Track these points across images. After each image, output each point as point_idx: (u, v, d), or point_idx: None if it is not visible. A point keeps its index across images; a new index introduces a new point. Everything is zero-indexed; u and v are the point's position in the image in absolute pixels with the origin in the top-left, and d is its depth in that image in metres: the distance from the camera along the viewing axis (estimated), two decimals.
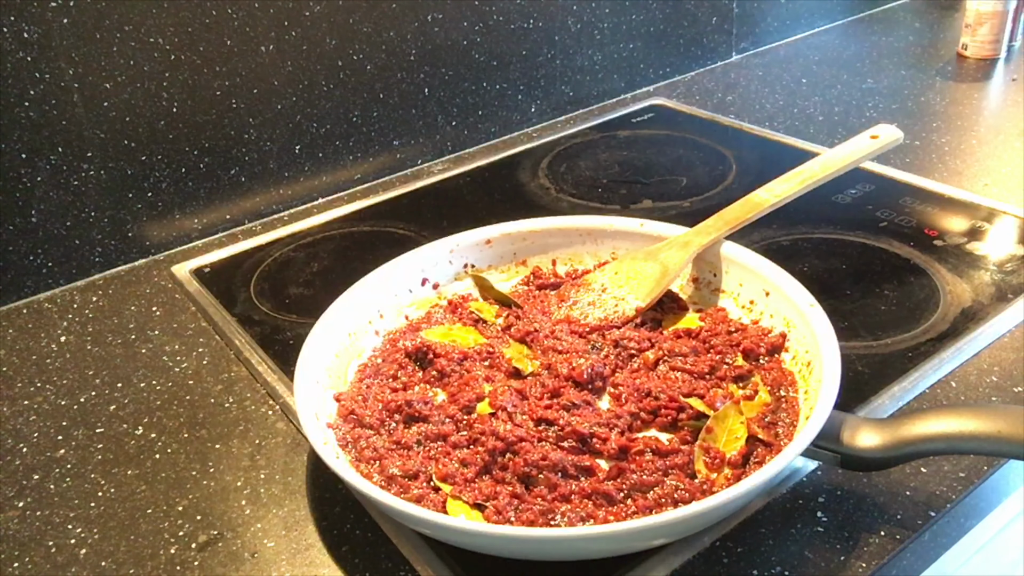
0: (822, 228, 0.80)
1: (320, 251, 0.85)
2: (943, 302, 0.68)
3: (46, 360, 0.72)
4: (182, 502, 0.55)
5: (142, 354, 0.72)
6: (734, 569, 0.47)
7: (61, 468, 0.59)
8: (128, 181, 0.83)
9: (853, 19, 1.41)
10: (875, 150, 0.74)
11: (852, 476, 0.52)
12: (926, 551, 0.51)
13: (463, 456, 0.53)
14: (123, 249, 0.85)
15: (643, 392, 0.58)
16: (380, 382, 0.61)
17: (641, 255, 0.69)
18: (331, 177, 0.96)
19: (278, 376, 0.66)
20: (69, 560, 0.52)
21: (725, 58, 1.28)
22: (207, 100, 0.85)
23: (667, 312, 0.67)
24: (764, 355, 0.60)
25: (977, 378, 0.60)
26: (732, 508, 0.50)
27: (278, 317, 0.74)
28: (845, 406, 0.55)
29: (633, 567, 0.48)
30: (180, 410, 0.64)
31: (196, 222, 0.89)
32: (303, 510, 0.54)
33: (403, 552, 0.50)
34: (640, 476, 0.51)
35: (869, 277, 0.72)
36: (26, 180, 0.77)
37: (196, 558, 0.51)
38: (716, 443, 0.53)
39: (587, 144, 1.05)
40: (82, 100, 0.78)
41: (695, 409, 0.56)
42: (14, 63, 0.74)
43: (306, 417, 0.52)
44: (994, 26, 1.16)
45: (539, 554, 0.47)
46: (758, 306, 0.64)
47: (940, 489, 0.51)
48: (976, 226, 0.79)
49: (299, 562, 0.50)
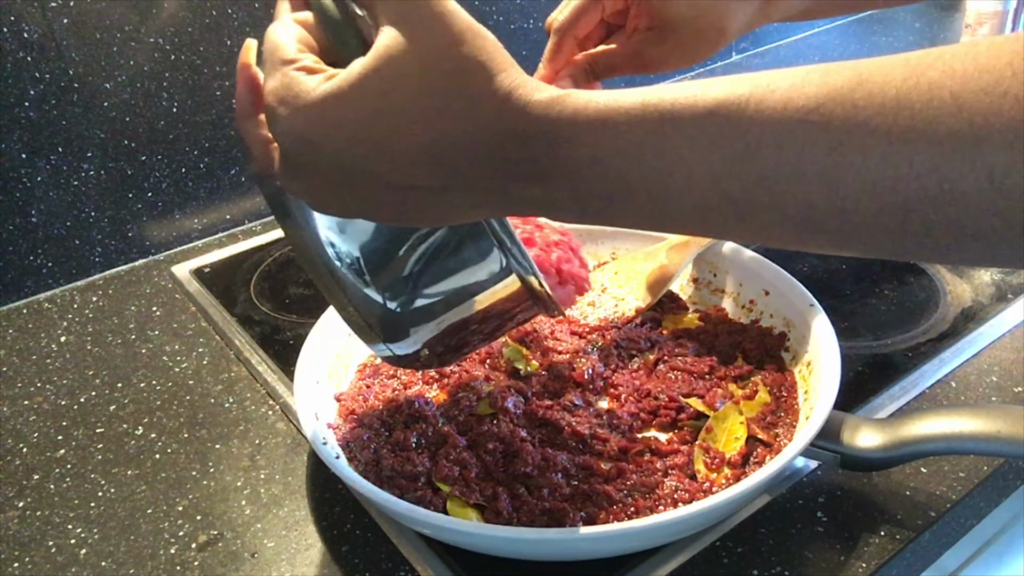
0: None
1: None
2: (943, 302, 0.68)
3: (46, 360, 0.72)
4: (182, 502, 0.55)
5: (142, 354, 0.72)
6: (734, 569, 0.47)
7: (61, 468, 0.59)
8: (128, 181, 0.83)
9: (853, 19, 1.41)
10: None
11: (852, 476, 0.52)
12: (926, 551, 0.51)
13: (463, 457, 0.53)
14: (123, 249, 0.85)
15: (643, 392, 0.58)
16: (380, 382, 0.61)
17: (641, 255, 0.69)
18: None
19: (278, 376, 0.66)
20: (69, 560, 0.52)
21: (725, 58, 1.28)
22: (207, 100, 0.85)
23: (667, 312, 0.67)
24: (764, 355, 0.60)
25: (977, 378, 0.60)
26: (732, 508, 0.50)
27: (278, 317, 0.74)
28: (845, 406, 0.55)
29: (633, 567, 0.48)
30: (180, 410, 0.64)
31: (196, 222, 0.89)
32: (303, 510, 0.54)
33: (403, 552, 0.50)
34: (640, 477, 0.51)
35: (869, 277, 0.72)
36: (26, 180, 0.77)
37: (196, 558, 0.51)
38: (716, 443, 0.53)
39: None
40: (82, 100, 0.78)
41: (695, 409, 0.56)
42: (14, 63, 0.74)
43: (306, 417, 0.52)
44: (994, 26, 1.17)
45: (539, 554, 0.47)
46: (758, 306, 0.64)
47: (940, 489, 0.51)
48: None
49: (299, 562, 0.50)
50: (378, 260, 0.40)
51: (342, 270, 0.40)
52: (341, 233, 0.40)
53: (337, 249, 0.40)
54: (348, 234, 0.39)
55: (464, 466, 0.52)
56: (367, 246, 0.40)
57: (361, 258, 0.40)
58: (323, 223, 0.39)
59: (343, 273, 0.40)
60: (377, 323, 0.43)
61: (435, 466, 0.52)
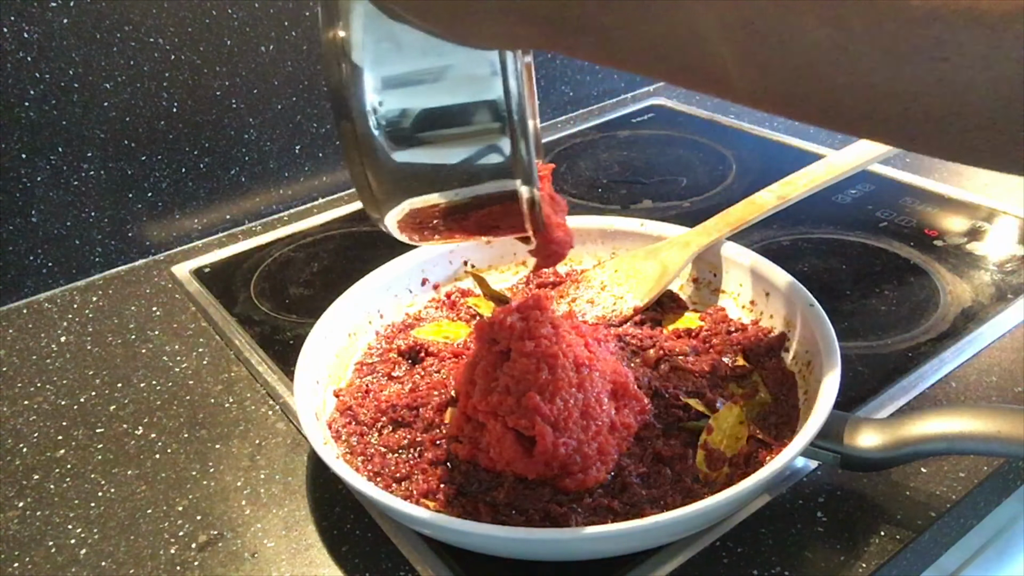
0: (822, 228, 0.80)
1: (320, 251, 0.85)
2: (943, 302, 0.68)
3: (46, 360, 0.72)
4: (182, 502, 0.55)
5: (142, 354, 0.72)
6: (734, 569, 0.47)
7: (61, 468, 0.59)
8: (128, 181, 0.83)
9: None
10: (881, 154, 0.74)
11: (852, 476, 0.52)
12: (926, 551, 0.51)
13: (440, 473, 0.51)
14: (123, 249, 0.85)
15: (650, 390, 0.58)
16: (376, 380, 0.61)
17: (641, 254, 0.69)
18: (331, 177, 0.96)
19: (278, 376, 0.66)
20: (69, 560, 0.52)
21: None
22: (207, 100, 0.85)
23: (667, 312, 0.67)
24: (764, 355, 0.60)
25: (977, 378, 0.60)
26: (732, 508, 0.50)
27: (278, 317, 0.74)
28: (845, 406, 0.55)
29: (633, 567, 0.48)
30: (180, 410, 0.64)
31: (196, 222, 0.89)
32: (303, 510, 0.54)
33: (403, 552, 0.50)
34: (648, 491, 0.50)
35: (869, 277, 0.72)
36: (26, 180, 0.77)
37: (196, 558, 0.51)
38: (717, 444, 0.53)
39: (587, 144, 1.05)
40: (82, 100, 0.78)
41: (695, 409, 0.56)
42: (14, 63, 0.74)
43: (306, 417, 0.52)
44: None
45: (539, 554, 0.47)
46: (758, 306, 0.64)
47: (940, 489, 0.51)
48: (976, 226, 0.79)
49: (299, 562, 0.50)
50: (408, 121, 0.40)
51: (375, 131, 0.40)
52: (383, 92, 0.40)
53: (376, 113, 0.40)
54: (388, 96, 0.40)
55: (443, 482, 0.51)
56: (403, 107, 0.40)
57: (395, 116, 0.40)
58: (370, 86, 0.40)
59: (375, 134, 0.40)
60: (387, 185, 0.43)
61: (417, 480, 0.51)
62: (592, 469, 0.49)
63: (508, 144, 0.40)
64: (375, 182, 0.42)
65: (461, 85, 0.40)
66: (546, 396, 0.49)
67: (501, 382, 0.50)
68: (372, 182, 0.42)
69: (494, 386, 0.51)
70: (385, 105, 0.40)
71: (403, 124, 0.41)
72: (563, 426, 0.49)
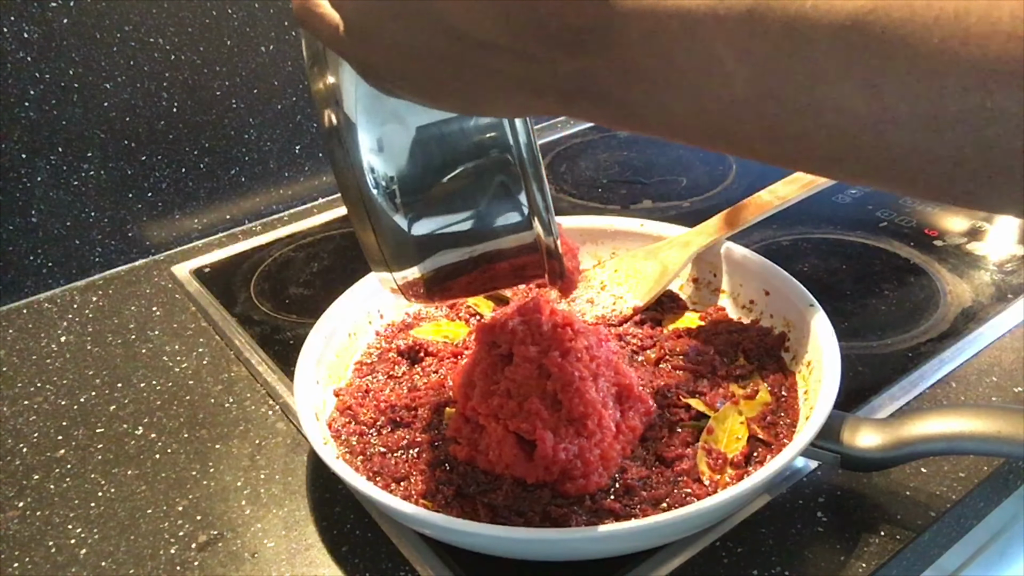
0: (822, 228, 0.80)
1: (320, 251, 0.85)
2: (943, 302, 0.68)
3: (46, 360, 0.72)
4: (182, 502, 0.55)
5: (142, 354, 0.72)
6: (734, 569, 0.47)
7: (61, 468, 0.59)
8: (128, 181, 0.83)
9: None
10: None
11: (852, 476, 0.52)
12: (926, 551, 0.51)
13: (437, 474, 0.51)
14: (123, 249, 0.85)
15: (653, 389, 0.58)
16: (375, 380, 0.61)
17: (641, 254, 0.69)
18: (331, 177, 0.96)
19: (278, 376, 0.66)
20: (69, 560, 0.52)
21: None
22: (207, 100, 0.85)
23: (667, 312, 0.67)
24: (764, 355, 0.60)
25: (977, 378, 0.60)
26: (732, 508, 0.50)
27: (278, 317, 0.74)
28: (845, 406, 0.55)
29: (633, 567, 0.48)
30: (180, 410, 0.64)
31: (196, 222, 0.89)
32: (303, 510, 0.54)
33: (403, 552, 0.50)
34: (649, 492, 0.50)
35: (869, 277, 0.72)
36: (26, 180, 0.77)
37: (196, 558, 0.51)
38: (718, 444, 0.53)
39: (587, 144, 1.05)
40: (82, 100, 0.78)
41: (695, 409, 0.56)
42: (14, 63, 0.74)
43: (306, 417, 0.52)
44: None
45: (539, 554, 0.47)
46: (758, 306, 0.64)
47: (940, 489, 0.51)
48: (976, 226, 0.79)
49: (299, 562, 0.50)
50: (413, 184, 0.41)
51: (377, 195, 0.41)
52: (381, 153, 0.41)
53: (376, 174, 0.40)
54: (387, 156, 0.41)
55: (441, 484, 0.51)
56: (404, 169, 0.41)
57: (396, 180, 0.41)
58: (366, 146, 0.40)
59: (377, 199, 0.41)
60: (394, 249, 0.43)
61: (415, 482, 0.51)
62: (594, 475, 0.49)
63: (524, 196, 0.40)
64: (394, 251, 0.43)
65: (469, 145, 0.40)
66: (548, 403, 0.50)
67: (502, 386, 0.51)
68: (385, 250, 0.43)
69: (495, 389, 0.51)
70: (397, 179, 0.41)
71: (425, 216, 0.42)
72: (564, 433, 0.49)
